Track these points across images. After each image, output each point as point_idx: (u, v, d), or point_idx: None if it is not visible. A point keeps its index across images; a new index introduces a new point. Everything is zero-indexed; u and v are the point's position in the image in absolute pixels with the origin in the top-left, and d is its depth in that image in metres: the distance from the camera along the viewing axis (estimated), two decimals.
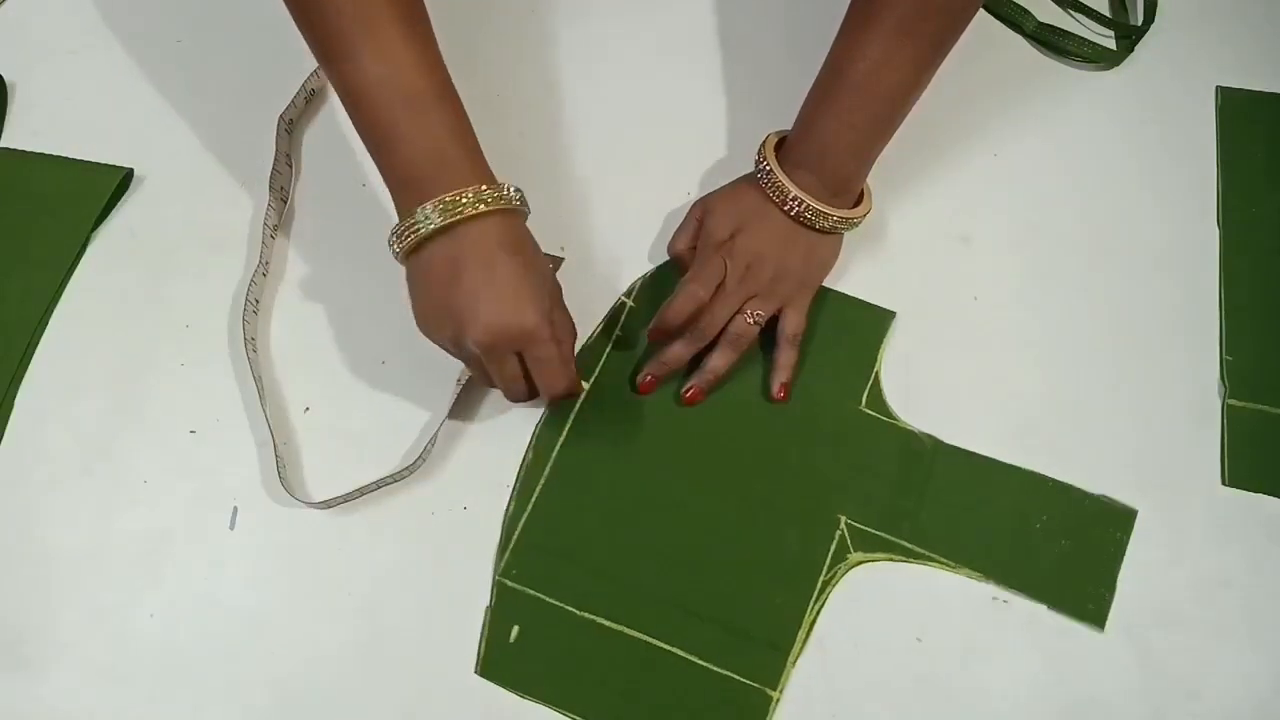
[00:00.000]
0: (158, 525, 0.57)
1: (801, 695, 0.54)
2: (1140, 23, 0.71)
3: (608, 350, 0.61)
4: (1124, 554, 0.57)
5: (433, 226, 0.52)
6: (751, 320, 0.59)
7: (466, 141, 0.54)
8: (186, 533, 0.57)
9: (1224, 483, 0.58)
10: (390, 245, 0.54)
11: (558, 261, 0.63)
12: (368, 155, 0.66)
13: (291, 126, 0.67)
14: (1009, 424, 0.60)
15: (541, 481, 0.58)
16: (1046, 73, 0.70)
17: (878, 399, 0.60)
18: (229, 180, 0.66)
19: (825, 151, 0.58)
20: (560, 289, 0.58)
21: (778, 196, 0.59)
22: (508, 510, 0.57)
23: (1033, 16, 0.71)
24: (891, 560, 0.57)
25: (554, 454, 0.58)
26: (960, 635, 0.55)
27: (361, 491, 0.57)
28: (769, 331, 0.60)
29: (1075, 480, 0.58)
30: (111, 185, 0.65)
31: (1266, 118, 0.68)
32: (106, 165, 0.66)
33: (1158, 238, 0.65)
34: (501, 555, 0.56)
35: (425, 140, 0.52)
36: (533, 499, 0.57)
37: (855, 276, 0.63)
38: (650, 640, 0.55)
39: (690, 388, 0.59)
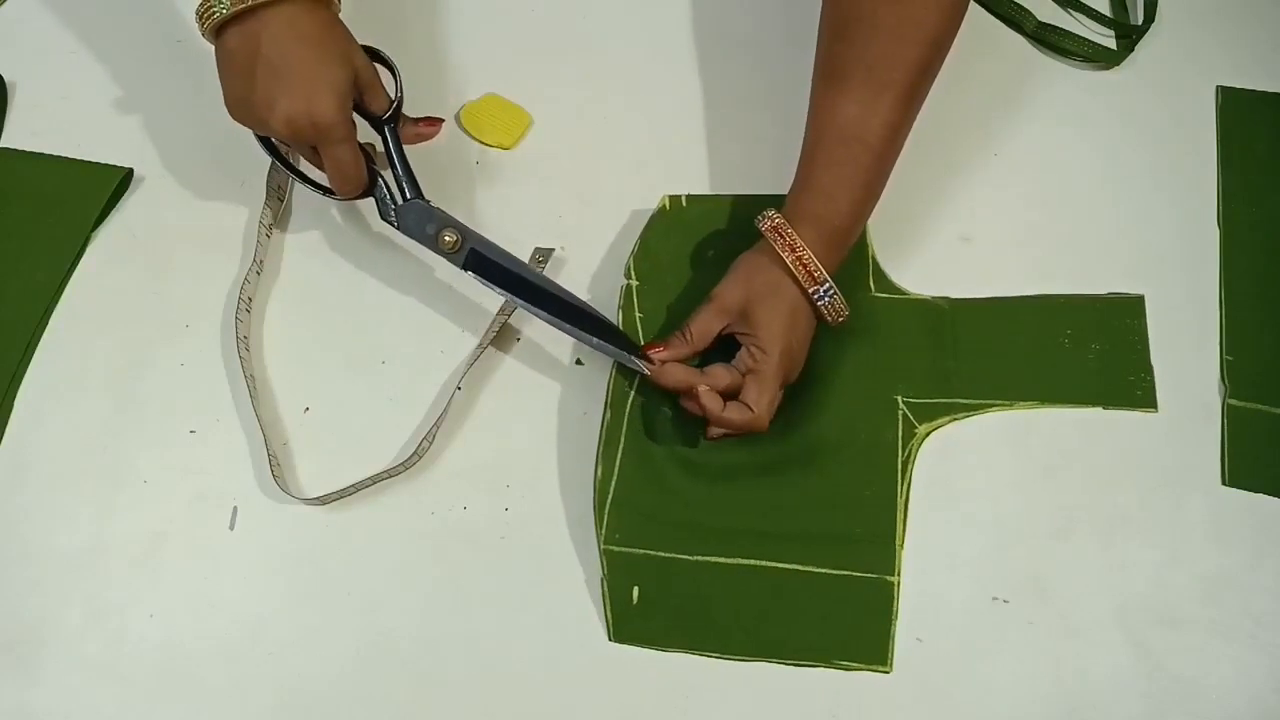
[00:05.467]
0: (158, 525, 0.57)
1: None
2: (1140, 22, 0.71)
3: (640, 332, 0.61)
4: (1147, 337, 0.61)
5: (226, 10, 0.53)
6: (762, 421, 0.56)
7: None
8: (186, 533, 0.57)
9: (1224, 483, 0.58)
10: (206, 17, 0.55)
11: (547, 253, 0.63)
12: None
13: None
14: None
15: (623, 440, 0.58)
16: (1046, 72, 0.70)
17: (884, 281, 0.62)
18: (230, 180, 0.66)
19: (824, 207, 0.57)
20: (374, 74, 0.59)
21: (812, 284, 0.56)
22: (596, 477, 0.57)
23: (1033, 16, 0.71)
24: (955, 420, 0.59)
25: (627, 411, 0.59)
26: (960, 635, 0.55)
27: (357, 487, 0.57)
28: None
29: (1078, 289, 0.62)
30: (111, 185, 0.65)
31: (1267, 118, 0.68)
32: (106, 165, 0.66)
33: (1158, 238, 0.65)
34: (600, 523, 0.57)
35: None
36: (618, 458, 0.58)
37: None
38: (764, 564, 0.56)
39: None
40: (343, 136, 0.56)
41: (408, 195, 0.60)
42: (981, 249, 0.64)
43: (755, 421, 0.55)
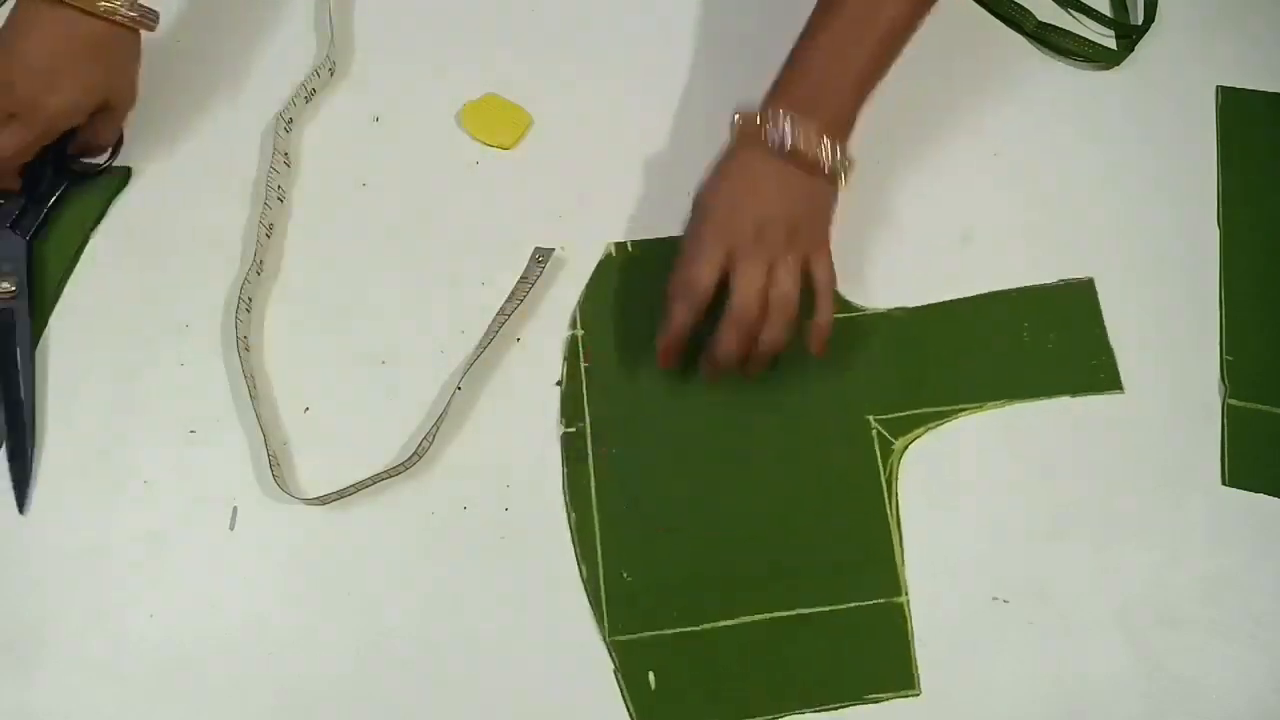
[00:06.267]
0: (158, 525, 0.57)
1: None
2: (1140, 22, 0.71)
3: (585, 387, 0.60)
4: (1102, 318, 0.62)
5: None
6: (790, 285, 0.56)
7: None
8: (186, 533, 0.57)
9: (1224, 483, 0.58)
10: None
11: (547, 253, 0.63)
12: (368, 156, 0.66)
13: (290, 126, 0.67)
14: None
15: (598, 535, 0.57)
16: (1046, 72, 0.70)
17: (837, 300, 0.61)
18: (229, 180, 0.66)
19: (821, 88, 0.57)
20: (123, 113, 0.61)
21: (761, 129, 0.56)
22: (581, 574, 0.56)
23: (1033, 16, 0.71)
24: (930, 429, 0.59)
25: (594, 504, 0.58)
26: (960, 636, 0.55)
27: (356, 488, 0.57)
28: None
29: (1028, 280, 0.63)
30: (113, 186, 0.65)
31: (1266, 118, 0.68)
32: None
33: (1158, 238, 0.65)
34: (600, 618, 0.55)
35: None
36: (599, 553, 0.57)
37: (854, 275, 0.63)
38: (772, 615, 0.56)
39: (752, 366, 0.58)
40: (32, 126, 0.57)
41: (13, 225, 0.62)
42: (981, 248, 0.64)
43: (677, 281, 0.57)
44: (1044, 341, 0.61)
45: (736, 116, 0.58)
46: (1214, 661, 0.54)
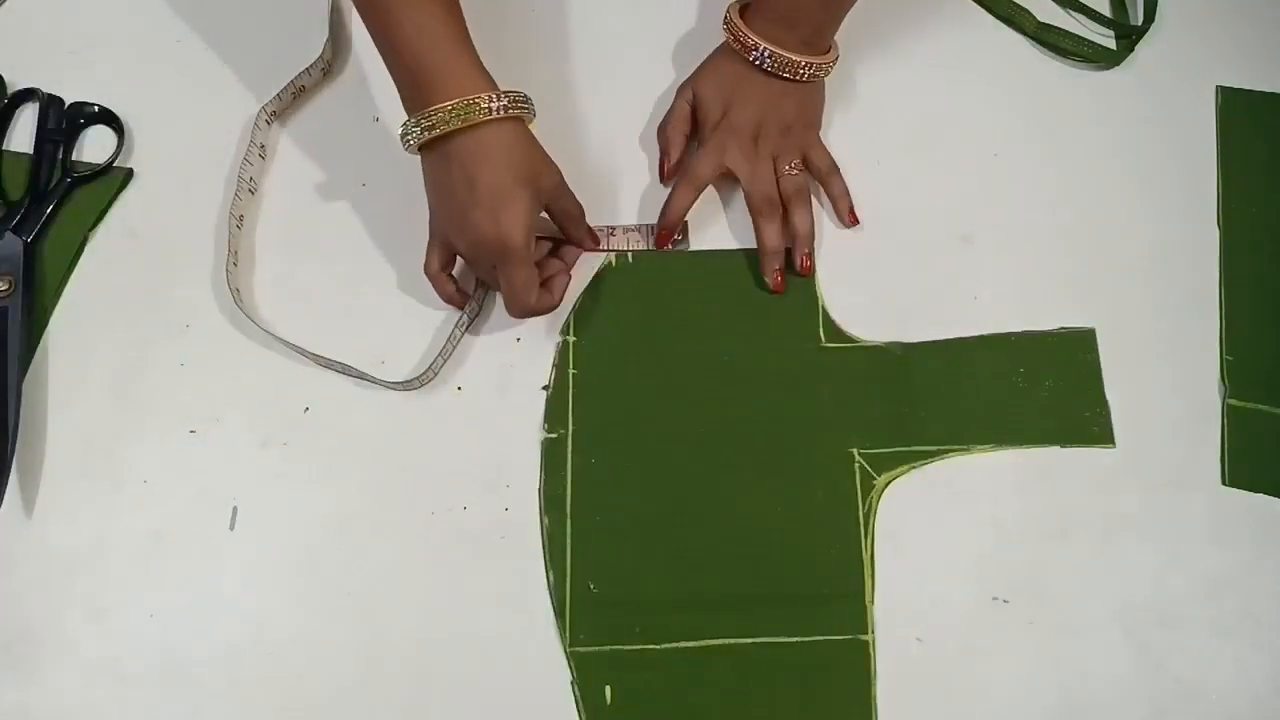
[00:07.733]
0: (158, 525, 0.57)
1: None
2: (1140, 23, 0.71)
3: (571, 394, 0.60)
4: (1100, 370, 0.61)
5: (415, 139, 0.55)
6: (795, 171, 0.63)
7: (466, 46, 0.57)
8: (186, 533, 0.57)
9: (1224, 483, 0.58)
10: (402, 141, 0.57)
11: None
12: (369, 154, 0.66)
13: (272, 119, 0.67)
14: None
15: (569, 542, 0.57)
16: (1046, 73, 0.70)
17: (834, 330, 0.62)
18: (231, 181, 0.66)
19: (796, 3, 0.60)
20: (559, 181, 0.59)
21: (746, 53, 0.61)
22: (548, 582, 0.56)
23: (1033, 16, 0.71)
24: (913, 468, 0.58)
25: (568, 512, 0.58)
26: (960, 635, 0.55)
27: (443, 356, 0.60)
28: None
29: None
30: (113, 186, 0.65)
31: (1266, 118, 0.68)
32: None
33: (1158, 238, 0.65)
34: (562, 627, 0.55)
35: (427, 42, 0.55)
36: (567, 562, 0.57)
37: (854, 276, 0.63)
38: (735, 641, 0.55)
39: (801, 261, 0.62)
40: (522, 259, 0.56)
41: (15, 225, 0.63)
42: (981, 249, 0.64)
43: (693, 171, 0.62)
44: (1039, 389, 0.60)
45: (726, 18, 0.63)
46: (1214, 661, 0.54)
